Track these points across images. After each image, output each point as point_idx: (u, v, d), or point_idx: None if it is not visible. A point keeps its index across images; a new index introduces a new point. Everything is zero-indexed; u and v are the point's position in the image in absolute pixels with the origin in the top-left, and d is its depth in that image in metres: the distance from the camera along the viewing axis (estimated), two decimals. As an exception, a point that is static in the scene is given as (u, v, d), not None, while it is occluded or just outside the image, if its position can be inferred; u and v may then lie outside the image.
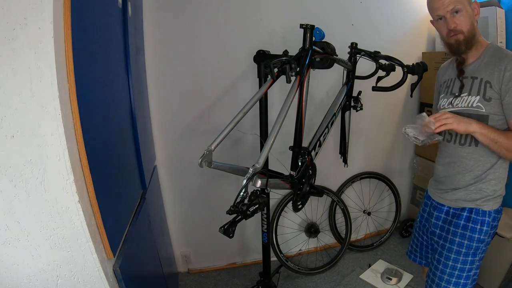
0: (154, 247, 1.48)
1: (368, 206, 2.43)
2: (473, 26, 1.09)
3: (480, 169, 1.15)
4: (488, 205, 1.16)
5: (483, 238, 1.16)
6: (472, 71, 1.13)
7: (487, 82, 1.07)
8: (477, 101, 1.09)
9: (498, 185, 1.16)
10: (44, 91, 0.69)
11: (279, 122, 1.10)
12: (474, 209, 1.17)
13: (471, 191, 1.17)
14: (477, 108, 1.10)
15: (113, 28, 1.09)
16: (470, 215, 1.17)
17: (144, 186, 1.39)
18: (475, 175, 1.16)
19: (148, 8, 1.59)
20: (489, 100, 1.07)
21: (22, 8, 0.65)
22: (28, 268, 0.80)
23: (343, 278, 2.10)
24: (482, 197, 1.15)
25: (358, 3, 1.94)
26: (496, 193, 1.16)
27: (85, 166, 0.80)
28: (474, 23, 1.09)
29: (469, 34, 1.08)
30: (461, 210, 1.19)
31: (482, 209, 1.16)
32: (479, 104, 1.09)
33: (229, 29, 1.75)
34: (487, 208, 1.16)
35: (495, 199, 1.16)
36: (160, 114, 1.78)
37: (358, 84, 1.64)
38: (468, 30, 1.08)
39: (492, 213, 1.16)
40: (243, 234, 2.18)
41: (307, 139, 1.46)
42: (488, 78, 1.07)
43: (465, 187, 1.18)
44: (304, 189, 1.38)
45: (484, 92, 1.08)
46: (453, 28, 1.08)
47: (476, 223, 1.16)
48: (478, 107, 1.09)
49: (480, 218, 1.16)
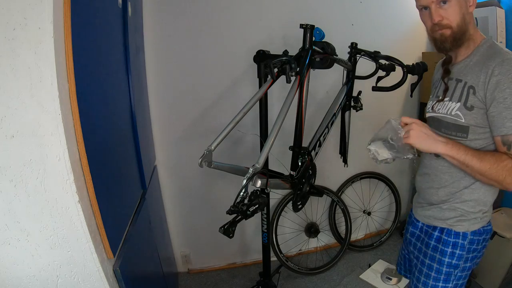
0: (154, 247, 1.48)
1: (368, 206, 2.43)
2: (465, 20, 0.89)
3: (455, 186, 0.99)
4: (463, 225, 0.99)
5: (456, 263, 1.00)
6: (458, 72, 0.96)
7: (471, 87, 0.89)
8: (456, 109, 0.92)
9: (477, 207, 0.98)
10: (44, 91, 0.69)
11: (279, 122, 1.10)
12: (445, 229, 1.02)
13: (444, 209, 1.01)
14: (455, 116, 0.93)
15: (113, 28, 1.09)
16: (441, 235, 1.02)
17: (144, 186, 1.39)
18: (449, 192, 1.00)
19: (148, 8, 1.59)
20: (470, 109, 0.89)
21: (22, 8, 0.65)
22: (28, 268, 0.80)
23: (343, 278, 2.10)
24: (455, 216, 1.00)
25: (358, 3, 1.94)
26: (473, 215, 0.99)
27: (85, 166, 0.80)
28: (466, 17, 0.89)
29: (458, 30, 0.90)
30: (432, 229, 1.05)
31: (454, 230, 1.00)
32: (458, 113, 0.92)
33: (229, 29, 1.75)
34: (461, 229, 0.99)
35: (474, 220, 0.99)
36: (160, 114, 1.78)
37: (358, 84, 1.64)
38: (457, 24, 0.89)
39: (468, 235, 0.99)
40: (243, 234, 2.18)
41: (307, 139, 1.46)
42: (472, 82, 0.89)
43: (438, 204, 1.03)
44: (304, 189, 1.38)
45: (466, 98, 0.90)
46: (438, 22, 0.90)
47: (447, 246, 1.01)
48: (456, 116, 0.92)
49: (451, 240, 1.00)
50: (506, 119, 0.83)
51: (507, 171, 0.84)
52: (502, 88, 0.83)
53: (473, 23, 0.93)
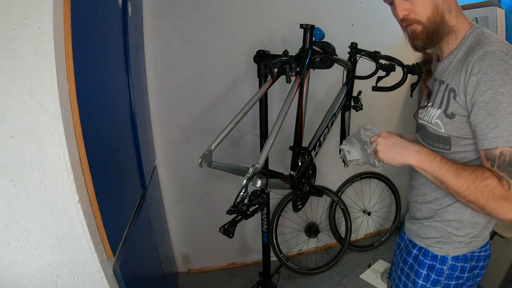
0: (154, 247, 1.48)
1: (368, 206, 2.43)
2: (438, 11, 0.73)
3: (439, 202, 0.86)
4: (441, 249, 0.86)
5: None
6: (441, 72, 0.81)
7: (451, 91, 0.74)
8: (436, 116, 0.78)
9: (462, 230, 0.83)
10: (44, 91, 0.69)
11: (279, 122, 1.10)
12: (423, 248, 0.90)
13: (425, 226, 0.89)
14: (435, 125, 0.79)
15: (113, 28, 1.09)
16: (418, 254, 0.91)
17: (144, 186, 1.39)
18: (432, 209, 0.87)
19: (148, 8, 1.59)
20: (451, 117, 0.74)
21: (22, 8, 0.65)
22: (28, 268, 0.80)
23: (343, 278, 2.10)
24: (435, 237, 0.87)
25: (358, 3, 1.94)
26: (456, 238, 0.84)
27: (85, 166, 0.80)
28: (441, 6, 0.73)
29: (430, 24, 0.74)
30: (412, 245, 0.94)
31: (432, 251, 0.88)
32: (437, 121, 0.78)
33: (229, 29, 1.75)
34: (439, 252, 0.86)
35: (457, 244, 0.85)
36: (160, 114, 1.78)
37: (358, 84, 1.64)
38: (428, 18, 0.74)
39: (449, 259, 0.85)
40: (243, 234, 2.18)
41: (307, 139, 1.46)
42: (453, 84, 0.74)
43: (420, 220, 0.92)
44: (304, 189, 1.38)
45: (447, 104, 0.75)
46: (404, 18, 0.76)
47: (422, 267, 0.89)
48: (436, 124, 0.78)
49: (427, 262, 0.88)
50: (488, 128, 0.67)
51: (489, 193, 0.67)
52: (483, 90, 0.67)
53: (456, 11, 0.76)
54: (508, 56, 0.66)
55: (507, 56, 0.66)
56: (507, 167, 0.66)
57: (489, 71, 0.66)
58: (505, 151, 0.65)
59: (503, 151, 0.66)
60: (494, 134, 0.66)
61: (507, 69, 0.65)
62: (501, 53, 0.67)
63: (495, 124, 0.66)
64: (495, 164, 0.67)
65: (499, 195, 0.66)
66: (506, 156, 0.66)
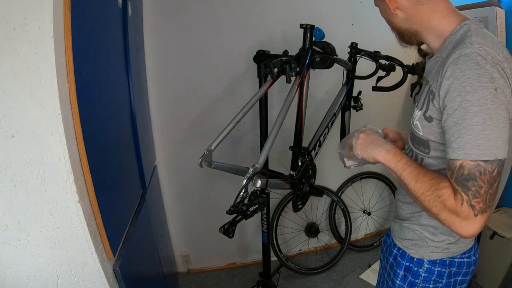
0: (154, 247, 1.48)
1: (368, 206, 2.43)
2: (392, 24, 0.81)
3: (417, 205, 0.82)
4: (417, 251, 0.84)
5: None
6: (428, 72, 0.79)
7: (431, 92, 0.70)
8: (416, 118, 0.76)
9: (439, 236, 0.81)
10: (44, 91, 0.69)
11: (279, 122, 1.10)
12: (401, 249, 0.89)
13: (404, 227, 0.88)
14: (415, 127, 0.76)
15: (113, 28, 1.09)
16: (397, 254, 0.90)
17: (144, 186, 1.39)
18: (412, 210, 0.85)
19: (148, 8, 1.59)
20: (429, 120, 0.71)
21: (22, 8, 0.65)
22: (28, 268, 0.80)
23: (343, 278, 2.10)
24: (412, 239, 0.85)
25: (358, 3, 1.94)
26: (432, 243, 0.82)
27: (85, 166, 0.80)
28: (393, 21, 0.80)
29: (394, 30, 0.82)
30: (393, 245, 0.92)
31: (408, 253, 0.86)
32: (417, 123, 0.75)
33: (229, 29, 1.75)
34: (414, 254, 0.85)
35: (433, 249, 0.82)
36: (160, 114, 1.78)
37: (358, 84, 1.64)
38: (390, 26, 0.83)
39: (424, 263, 0.83)
40: (243, 234, 2.18)
41: (307, 139, 1.46)
42: (434, 85, 0.70)
43: (401, 220, 0.90)
44: (304, 189, 1.38)
45: (427, 106, 0.71)
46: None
47: (399, 267, 0.88)
48: (416, 126, 0.76)
49: (404, 263, 0.87)
50: (453, 137, 0.63)
51: (440, 203, 0.64)
52: (452, 96, 0.62)
53: (420, 17, 0.74)
54: (485, 61, 0.60)
55: (484, 61, 0.60)
56: (463, 182, 0.62)
57: (460, 76, 0.61)
58: (465, 164, 0.61)
59: (463, 163, 0.61)
60: (456, 145, 0.62)
61: (480, 75, 0.59)
62: (477, 56, 0.61)
63: (459, 134, 0.62)
64: (453, 176, 0.63)
65: (450, 208, 0.63)
66: (465, 169, 0.61)
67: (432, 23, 0.73)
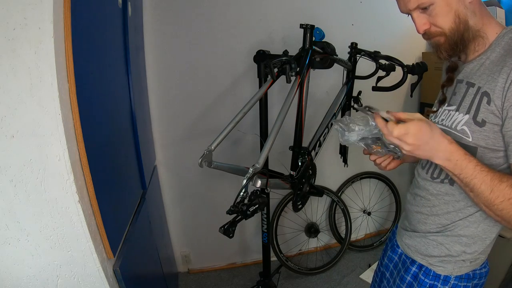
0: (154, 247, 1.48)
1: (368, 206, 2.43)
2: (460, 18, 0.68)
3: (449, 217, 0.79)
4: (445, 268, 0.81)
5: None
6: (471, 73, 0.73)
7: (485, 94, 0.67)
8: (463, 123, 0.70)
9: (472, 246, 0.78)
10: (44, 91, 0.69)
11: (279, 122, 1.10)
12: (424, 267, 0.84)
13: (430, 241, 0.83)
14: (461, 133, 0.71)
15: (113, 28, 1.09)
16: (418, 272, 0.85)
17: (144, 186, 1.39)
18: (440, 223, 0.81)
19: (148, 8, 1.59)
20: (481, 124, 0.67)
21: (22, 8, 0.65)
22: (28, 268, 0.80)
23: (343, 278, 2.10)
24: (439, 255, 0.82)
25: (358, 3, 1.94)
26: (462, 256, 0.79)
27: (85, 166, 0.80)
28: (463, 12, 0.68)
29: (453, 34, 0.70)
30: (411, 262, 0.87)
31: (434, 270, 0.82)
32: (464, 128, 0.70)
33: (229, 29, 1.75)
34: (442, 271, 0.81)
35: (462, 263, 0.80)
36: (160, 114, 1.78)
37: (358, 84, 1.64)
38: (450, 28, 0.69)
39: (451, 279, 0.80)
40: (243, 234, 2.18)
41: (307, 139, 1.46)
42: (488, 87, 0.67)
43: (424, 234, 0.84)
44: (304, 189, 1.38)
45: (477, 109, 0.68)
46: (426, 32, 0.72)
47: (422, 287, 0.83)
48: (462, 132, 0.71)
49: (428, 281, 0.82)
50: None
51: None
52: None
53: (480, 13, 0.70)
54: None
55: None
56: None
57: None
58: None
59: None
60: None
61: None
62: None
63: None
64: None
65: None
66: None
67: (489, 23, 0.71)
